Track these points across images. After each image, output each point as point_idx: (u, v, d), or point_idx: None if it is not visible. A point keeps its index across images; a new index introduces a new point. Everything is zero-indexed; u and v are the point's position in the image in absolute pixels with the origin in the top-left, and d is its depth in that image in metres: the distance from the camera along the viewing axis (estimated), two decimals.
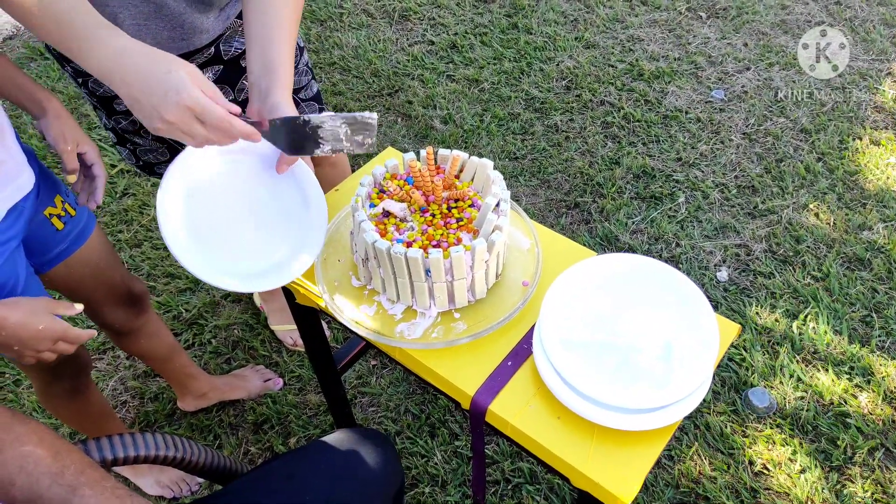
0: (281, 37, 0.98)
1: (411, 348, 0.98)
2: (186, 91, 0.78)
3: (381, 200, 1.03)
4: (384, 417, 1.73)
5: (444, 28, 2.88)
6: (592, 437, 0.88)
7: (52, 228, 1.14)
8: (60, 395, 1.32)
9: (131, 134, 1.35)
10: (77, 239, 1.18)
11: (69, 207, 1.16)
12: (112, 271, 1.30)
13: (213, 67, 1.27)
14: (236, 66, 1.29)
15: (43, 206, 1.12)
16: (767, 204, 2.16)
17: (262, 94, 0.95)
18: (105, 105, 1.27)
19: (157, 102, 0.78)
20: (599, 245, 2.08)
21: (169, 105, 0.78)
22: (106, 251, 1.27)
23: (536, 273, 1.04)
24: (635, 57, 2.70)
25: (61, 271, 1.18)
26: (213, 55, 1.26)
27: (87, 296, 1.28)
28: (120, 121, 1.31)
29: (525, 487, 1.58)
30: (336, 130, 0.94)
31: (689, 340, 0.91)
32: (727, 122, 2.43)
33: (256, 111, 0.96)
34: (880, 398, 1.69)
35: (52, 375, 1.25)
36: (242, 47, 1.28)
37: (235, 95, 1.33)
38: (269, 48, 0.97)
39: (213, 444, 1.72)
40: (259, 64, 0.96)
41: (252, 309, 1.99)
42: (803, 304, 1.89)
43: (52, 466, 0.72)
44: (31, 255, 1.12)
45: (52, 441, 0.75)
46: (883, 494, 1.54)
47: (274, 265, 1.03)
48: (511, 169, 2.32)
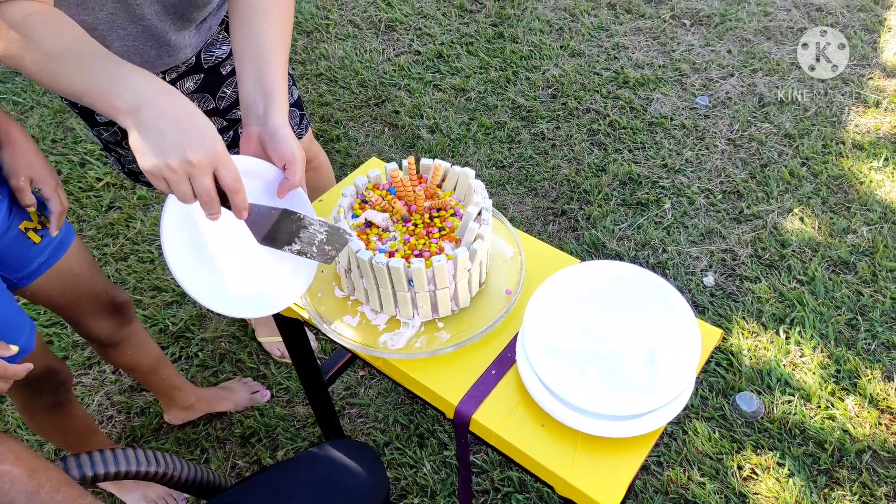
0: (275, 58, 0.97)
1: (395, 358, 0.98)
2: (221, 142, 0.79)
3: (363, 211, 1.03)
4: (373, 428, 1.72)
5: (431, 38, 2.90)
6: (576, 445, 0.88)
7: (28, 242, 1.13)
8: (42, 412, 1.30)
9: (114, 145, 1.35)
10: (55, 252, 1.18)
11: (46, 221, 1.16)
12: (94, 282, 1.29)
13: (194, 77, 1.27)
14: (216, 74, 1.30)
15: (17, 220, 1.11)
16: (753, 209, 2.18)
17: (259, 118, 0.94)
18: (86, 116, 1.26)
19: (187, 140, 0.77)
20: (586, 252, 2.09)
21: (201, 146, 0.77)
22: (87, 262, 1.27)
23: (520, 281, 1.04)
24: (620, 65, 2.72)
25: (42, 284, 1.17)
26: (194, 64, 1.26)
27: (70, 308, 1.27)
28: (102, 132, 1.30)
29: (514, 497, 1.57)
30: (314, 235, 0.93)
31: (671, 346, 0.92)
32: (712, 129, 2.45)
33: (256, 134, 0.95)
34: (867, 401, 1.69)
35: (31, 392, 1.24)
36: (223, 55, 1.28)
37: (216, 103, 1.33)
38: (263, 71, 0.95)
39: (200, 457, 1.71)
40: (253, 86, 0.95)
41: (239, 321, 1.98)
42: (789, 308, 1.90)
43: (27, 485, 0.71)
44: (8, 270, 1.12)
45: (29, 459, 0.74)
46: (871, 497, 1.54)
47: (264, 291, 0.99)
48: (498, 177, 2.33)
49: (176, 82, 1.25)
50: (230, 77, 1.31)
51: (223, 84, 1.31)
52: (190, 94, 1.28)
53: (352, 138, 2.51)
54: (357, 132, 2.53)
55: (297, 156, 0.93)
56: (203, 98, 1.31)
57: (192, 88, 1.28)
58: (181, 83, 1.26)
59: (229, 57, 1.29)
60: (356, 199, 1.06)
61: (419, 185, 1.06)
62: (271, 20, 0.98)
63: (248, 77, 0.96)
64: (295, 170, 0.92)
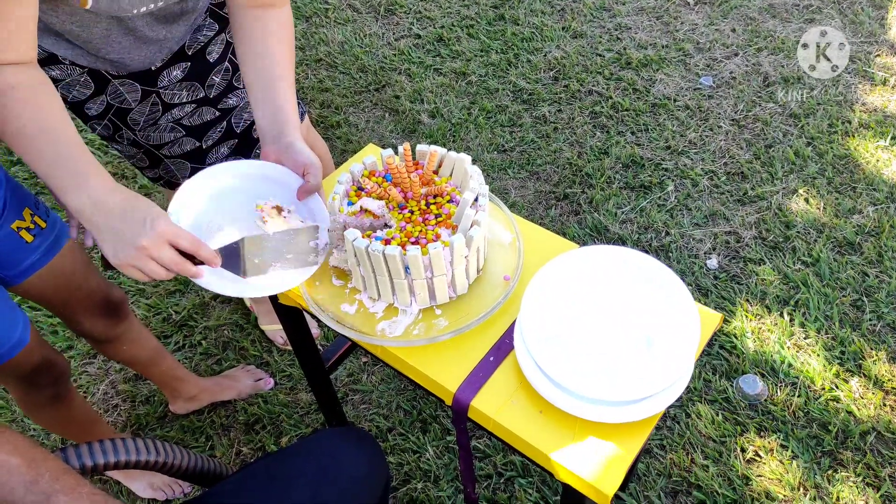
0: (281, 86, 1.06)
1: (393, 346, 0.98)
2: (164, 219, 0.88)
3: (358, 198, 1.03)
4: (376, 415, 1.73)
5: (431, 21, 2.87)
6: (574, 431, 0.87)
7: (21, 242, 1.12)
8: (42, 404, 1.31)
9: (108, 140, 1.34)
10: (49, 251, 1.17)
11: (39, 220, 1.15)
12: (88, 281, 1.28)
13: (181, 65, 1.26)
14: (203, 61, 1.28)
15: (10, 220, 1.11)
16: (757, 190, 2.16)
17: (274, 138, 1.05)
18: (77, 111, 1.26)
19: (134, 231, 0.86)
20: (589, 236, 2.08)
21: (146, 231, 0.86)
22: (81, 262, 1.26)
23: (518, 267, 1.04)
24: (623, 45, 2.69)
25: (34, 283, 1.17)
26: (178, 51, 1.24)
27: (63, 305, 1.27)
28: (95, 126, 1.30)
29: (517, 481, 1.58)
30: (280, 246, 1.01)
31: (669, 331, 0.91)
32: (716, 109, 2.42)
33: (273, 153, 1.05)
34: (871, 382, 1.68)
35: (30, 385, 1.25)
36: (206, 39, 1.27)
37: (206, 92, 1.31)
38: (272, 93, 1.06)
39: (205, 445, 1.72)
40: (265, 113, 1.06)
41: (242, 309, 1.98)
42: (794, 290, 1.89)
43: (26, 475, 0.71)
44: (0, 268, 1.12)
45: (27, 449, 0.74)
46: (875, 479, 1.54)
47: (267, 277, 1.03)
48: (500, 161, 2.31)
49: (162, 71, 1.24)
50: (218, 65, 1.30)
51: (211, 72, 1.29)
52: (178, 82, 1.27)
53: (352, 124, 2.49)
54: (357, 118, 2.51)
55: (314, 162, 1.02)
56: (192, 87, 1.29)
57: (179, 77, 1.26)
58: (168, 72, 1.25)
59: (212, 41, 1.27)
60: (352, 186, 1.06)
61: (415, 171, 1.05)
62: (275, 50, 1.08)
63: (260, 106, 1.07)
64: (314, 174, 1.01)
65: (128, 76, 1.21)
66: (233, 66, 1.32)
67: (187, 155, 1.37)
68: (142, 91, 1.24)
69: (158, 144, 1.34)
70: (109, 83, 1.21)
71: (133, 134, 1.31)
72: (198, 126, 1.33)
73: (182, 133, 1.33)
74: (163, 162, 1.41)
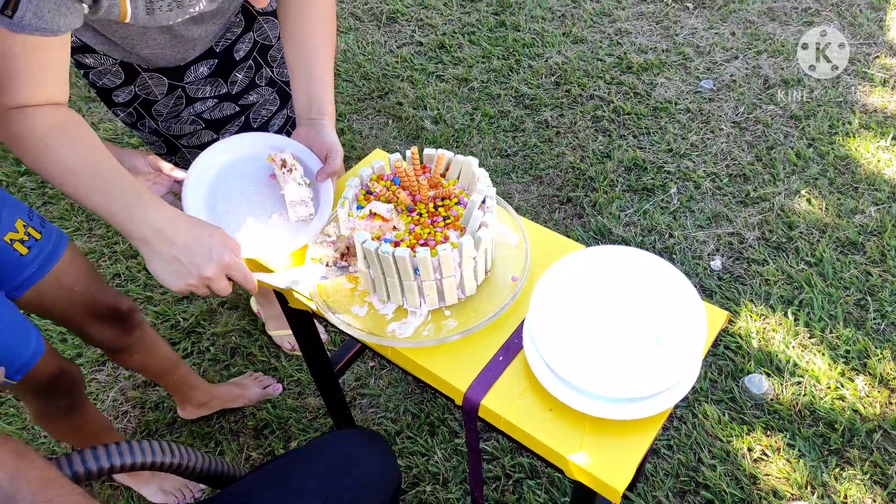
0: (320, 71, 1.14)
1: (403, 347, 0.99)
2: (227, 252, 0.93)
3: (367, 202, 1.04)
4: (384, 418, 1.74)
5: (432, 28, 2.89)
6: (584, 428, 0.88)
7: (15, 254, 1.10)
8: (57, 414, 1.30)
9: (130, 126, 1.37)
10: (45, 263, 1.15)
11: (33, 231, 1.13)
12: (90, 291, 1.26)
13: (208, 62, 1.29)
14: (229, 58, 1.31)
15: (2, 232, 1.09)
16: (759, 191, 2.17)
17: (310, 119, 1.14)
18: (105, 97, 1.28)
19: (199, 261, 0.91)
20: (593, 238, 2.09)
21: (211, 263, 0.91)
22: (81, 272, 1.23)
23: (525, 268, 1.05)
24: (623, 50, 2.71)
25: (32, 296, 1.15)
26: (208, 49, 1.27)
27: (66, 317, 1.25)
28: (118, 112, 1.32)
29: (526, 482, 1.58)
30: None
31: (677, 328, 0.92)
32: (717, 112, 2.44)
33: (304, 132, 1.14)
34: (877, 381, 1.69)
35: (47, 397, 1.23)
36: (234, 37, 1.30)
37: (229, 88, 1.34)
38: (311, 82, 1.14)
39: (214, 450, 1.73)
40: (304, 96, 1.14)
41: (249, 315, 1.99)
42: (797, 290, 1.90)
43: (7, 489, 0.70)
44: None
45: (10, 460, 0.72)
46: (882, 476, 1.54)
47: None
48: (503, 166, 2.33)
49: (190, 66, 1.27)
50: (243, 62, 1.33)
51: (235, 68, 1.32)
52: (203, 79, 1.30)
53: (356, 131, 2.51)
54: (361, 125, 2.54)
55: (337, 148, 1.11)
56: (216, 83, 1.32)
57: (205, 73, 1.29)
58: (195, 68, 1.27)
59: (240, 38, 1.30)
60: (361, 190, 1.07)
61: (423, 174, 1.07)
62: (318, 39, 1.15)
63: (299, 89, 1.15)
64: (334, 157, 1.11)
65: (157, 70, 1.25)
66: (256, 65, 1.36)
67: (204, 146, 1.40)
68: (168, 85, 1.28)
69: (178, 135, 1.37)
70: (139, 75, 1.24)
71: (155, 123, 1.34)
72: (217, 120, 1.37)
73: (202, 126, 1.37)
74: (180, 150, 1.44)
